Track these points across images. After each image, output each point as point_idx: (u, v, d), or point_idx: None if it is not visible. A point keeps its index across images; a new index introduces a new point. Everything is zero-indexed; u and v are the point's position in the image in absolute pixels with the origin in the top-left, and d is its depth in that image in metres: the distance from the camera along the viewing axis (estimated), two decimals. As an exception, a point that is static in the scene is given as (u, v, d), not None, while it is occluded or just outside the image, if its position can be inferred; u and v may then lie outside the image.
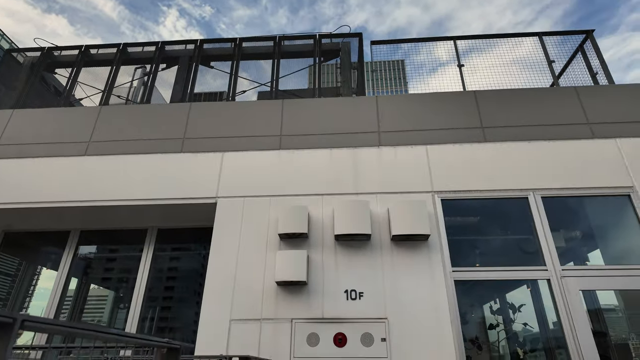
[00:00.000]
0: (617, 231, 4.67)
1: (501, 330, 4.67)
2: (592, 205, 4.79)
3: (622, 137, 4.66)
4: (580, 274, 4.09)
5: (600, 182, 4.48)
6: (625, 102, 4.98)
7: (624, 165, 4.52)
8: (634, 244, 4.33)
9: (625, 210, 4.44)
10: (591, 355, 3.70)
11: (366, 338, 3.83)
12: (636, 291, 4.21)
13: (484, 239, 5.11)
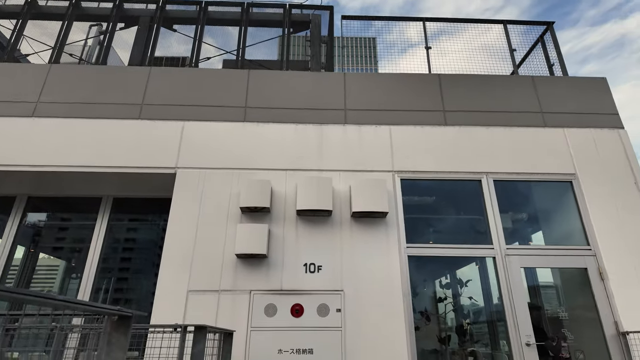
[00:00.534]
0: (558, 215, 5.05)
1: (448, 303, 4.99)
2: (538, 189, 5.13)
3: (569, 127, 4.97)
4: (523, 252, 4.42)
5: (547, 168, 4.79)
6: (575, 94, 5.29)
7: (570, 153, 4.85)
8: (572, 227, 4.72)
9: (567, 196, 4.79)
10: (526, 327, 4.06)
11: (322, 309, 3.97)
12: (570, 269, 4.61)
13: (438, 218, 5.36)
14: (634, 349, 3.93)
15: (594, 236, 4.44)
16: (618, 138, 4.94)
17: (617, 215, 4.52)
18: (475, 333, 5.38)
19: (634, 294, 4.17)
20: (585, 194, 4.62)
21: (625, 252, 4.35)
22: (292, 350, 3.78)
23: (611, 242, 4.39)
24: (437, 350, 4.85)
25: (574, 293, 4.71)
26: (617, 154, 4.85)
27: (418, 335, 4.83)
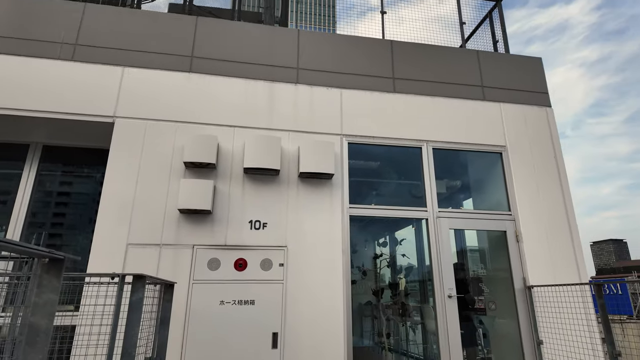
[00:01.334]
0: (487, 183, 5.52)
1: (384, 259, 5.38)
2: (471, 159, 5.53)
3: (505, 103, 5.34)
4: (452, 216, 4.83)
5: (482, 139, 5.16)
6: (513, 71, 5.64)
7: (502, 127, 5.24)
8: (498, 194, 5.20)
9: (496, 166, 5.23)
10: (449, 282, 4.52)
11: (266, 263, 4.11)
12: (492, 232, 5.12)
13: (380, 181, 5.62)
14: (536, 299, 4.55)
15: (515, 203, 4.94)
16: (545, 116, 5.41)
17: (536, 185, 5.05)
18: (407, 287, 5.89)
19: (541, 253, 4.77)
20: (512, 165, 5.08)
21: (538, 218, 4.92)
22: (234, 302, 3.91)
23: (528, 208, 4.93)
24: (371, 302, 5.27)
25: (494, 253, 5.27)
26: (543, 130, 5.33)
27: (355, 288, 5.19)
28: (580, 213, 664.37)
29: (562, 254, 4.81)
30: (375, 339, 5.19)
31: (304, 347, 3.93)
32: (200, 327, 3.79)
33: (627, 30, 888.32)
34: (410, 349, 5.64)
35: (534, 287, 4.59)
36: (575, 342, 3.97)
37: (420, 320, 5.25)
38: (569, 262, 4.79)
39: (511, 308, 4.69)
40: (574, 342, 3.98)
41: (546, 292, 4.46)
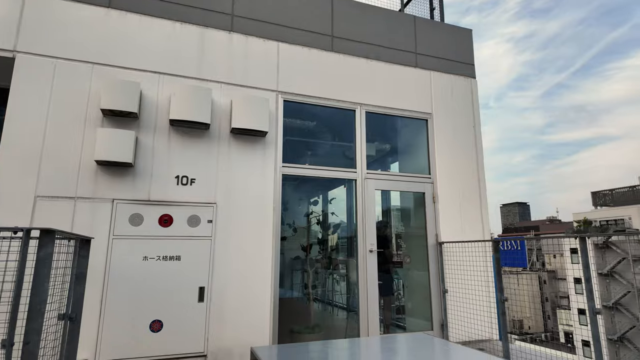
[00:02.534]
0: (412, 148, 5.86)
1: (314, 217, 5.58)
2: (400, 124, 5.79)
3: (435, 71, 5.59)
4: (378, 177, 5.09)
5: (411, 106, 5.40)
6: (445, 40, 5.86)
7: (430, 95, 5.51)
8: (420, 159, 5.55)
9: (422, 132, 5.54)
10: (371, 238, 4.84)
11: (193, 219, 4.04)
12: (413, 193, 5.50)
13: (315, 142, 5.69)
14: (445, 254, 5.09)
15: (434, 167, 5.34)
16: (469, 86, 5.78)
17: (455, 151, 5.48)
18: (335, 243, 6.21)
19: (453, 213, 5.29)
20: (435, 132, 5.42)
21: (453, 181, 5.38)
22: (158, 257, 3.83)
23: (445, 172, 5.36)
24: (299, 257, 5.49)
25: (413, 212, 5.71)
26: (466, 100, 5.71)
27: (285, 244, 5.36)
28: (494, 178, 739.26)
29: (471, 214, 5.38)
30: (303, 291, 5.48)
31: (231, 300, 4.03)
32: (121, 283, 3.69)
33: (552, 9, 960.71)
34: (335, 299, 6.07)
35: (445, 243, 5.12)
36: (474, 290, 4.56)
37: (346, 273, 5.62)
38: (476, 221, 5.38)
39: (424, 261, 5.21)
40: (473, 290, 4.58)
41: (454, 247, 5.00)
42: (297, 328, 4.79)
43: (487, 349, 4.59)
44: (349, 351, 2.91)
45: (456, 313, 4.80)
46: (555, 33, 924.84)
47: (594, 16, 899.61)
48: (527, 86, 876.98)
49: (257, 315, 4.12)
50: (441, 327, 4.92)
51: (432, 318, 4.98)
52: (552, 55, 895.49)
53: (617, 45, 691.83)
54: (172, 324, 3.77)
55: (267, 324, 4.13)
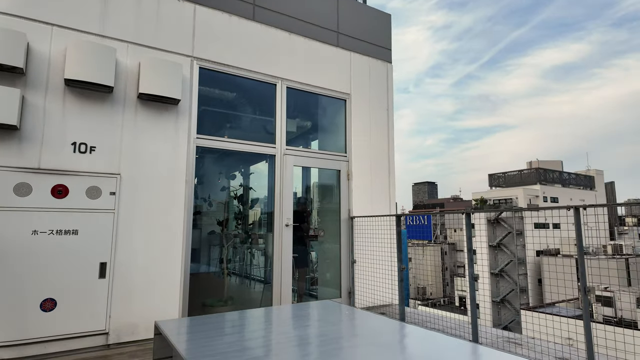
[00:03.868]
0: (331, 126, 6.03)
1: (232, 192, 5.50)
2: (321, 102, 5.90)
3: (355, 52, 5.75)
4: (296, 154, 5.17)
5: (332, 85, 5.51)
6: (366, 23, 6.03)
7: (350, 76, 5.68)
8: (338, 138, 5.75)
9: (340, 111, 5.72)
10: (288, 212, 4.94)
11: (93, 191, 3.72)
12: (330, 170, 5.70)
13: (234, 114, 5.54)
14: (356, 227, 5.42)
15: (350, 146, 5.58)
16: (385, 70, 6.07)
17: (369, 131, 5.77)
18: (256, 218, 6.22)
19: (364, 190, 5.61)
20: (352, 112, 5.63)
21: (366, 160, 5.69)
22: (51, 232, 3.48)
23: (359, 151, 5.64)
24: (214, 232, 5.41)
25: (329, 189, 5.94)
26: (382, 84, 6.00)
27: (201, 219, 5.23)
28: (409, 159, 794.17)
29: (381, 191, 5.77)
30: (219, 266, 5.43)
31: (138, 276, 3.85)
32: (5, 260, 3.30)
33: (467, 3, 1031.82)
34: (253, 272, 6.13)
35: (356, 217, 5.44)
36: (380, 260, 4.96)
37: (264, 247, 5.69)
38: (384, 197, 5.79)
39: (336, 235, 5.49)
40: (379, 260, 4.97)
41: (364, 222, 5.35)
42: (210, 301, 4.77)
43: (387, 312, 5.07)
44: (253, 319, 3.01)
45: (363, 281, 5.19)
46: (469, 27, 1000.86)
47: (501, 14, 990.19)
48: (442, 74, 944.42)
49: (167, 290, 4.01)
50: (349, 295, 5.30)
51: (341, 287, 5.33)
52: (465, 47, 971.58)
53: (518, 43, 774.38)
54: (67, 302, 3.50)
55: (176, 298, 4.05)
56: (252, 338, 2.55)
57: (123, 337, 3.71)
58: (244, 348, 2.26)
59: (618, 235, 32.76)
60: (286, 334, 2.63)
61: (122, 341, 3.70)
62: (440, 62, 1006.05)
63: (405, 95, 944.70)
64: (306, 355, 2.17)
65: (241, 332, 2.73)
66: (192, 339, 2.43)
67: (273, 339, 2.51)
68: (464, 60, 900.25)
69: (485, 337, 3.87)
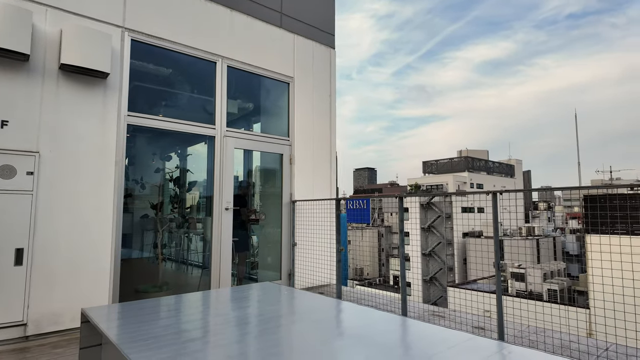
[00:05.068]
0: (274, 109, 5.98)
1: (167, 173, 5.26)
2: (264, 84, 5.81)
3: (298, 35, 5.71)
4: (237, 136, 5.07)
5: (275, 67, 5.44)
6: (310, 6, 5.99)
7: (293, 58, 5.64)
8: (280, 121, 5.73)
9: (284, 95, 5.68)
10: (227, 196, 4.86)
11: (6, 170, 3.35)
12: (272, 154, 5.68)
13: (170, 92, 5.26)
14: (297, 211, 5.49)
15: (293, 130, 5.59)
16: (329, 56, 6.11)
17: (312, 116, 5.82)
18: (192, 201, 6.02)
19: (306, 174, 5.69)
20: (296, 96, 5.63)
21: (309, 144, 5.75)
22: (-47, 215, 3.09)
23: (302, 136, 5.68)
24: (147, 216, 5.16)
25: (271, 173, 5.92)
26: (325, 69, 6.04)
27: (132, 202, 4.95)
28: (351, 145, 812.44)
29: (322, 175, 5.88)
30: (154, 251, 5.21)
31: (61, 262, 3.57)
32: None
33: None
34: (192, 257, 5.96)
35: (297, 201, 5.51)
36: (320, 243, 5.09)
37: (203, 231, 5.55)
38: (325, 182, 5.91)
39: (278, 218, 5.52)
40: (319, 243, 5.10)
41: (305, 205, 5.43)
42: (144, 287, 4.59)
43: (325, 292, 5.25)
44: (190, 303, 2.96)
45: (303, 263, 5.30)
46: (410, 18, 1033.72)
47: (439, 8, 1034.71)
48: (383, 63, 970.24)
49: (95, 276, 3.78)
50: (289, 277, 5.39)
51: (281, 269, 5.40)
52: (406, 38, 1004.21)
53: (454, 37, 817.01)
54: (-24, 294, 3.16)
55: (106, 285, 3.83)
56: (188, 321, 2.52)
57: (45, 327, 3.45)
58: (181, 331, 2.23)
59: (532, 218, 36.67)
60: (224, 316, 2.63)
61: (43, 332, 3.44)
62: (382, 51, 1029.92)
63: (348, 81, 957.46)
64: (245, 334, 2.20)
65: (177, 316, 2.69)
66: (124, 325, 2.34)
67: (211, 321, 2.51)
68: (404, 50, 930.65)
69: (413, 312, 4.18)
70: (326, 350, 2.00)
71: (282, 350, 1.96)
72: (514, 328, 3.52)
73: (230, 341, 2.09)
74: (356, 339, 2.36)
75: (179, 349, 1.88)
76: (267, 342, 2.12)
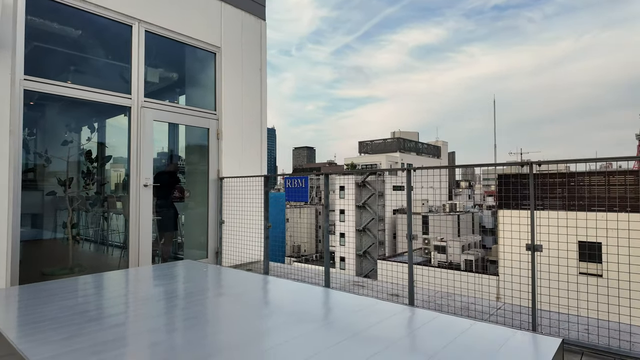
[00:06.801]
0: (199, 81, 5.68)
1: (74, 147, 4.80)
2: (188, 53, 5.47)
3: (225, 3, 5.42)
4: (158, 107, 4.75)
5: (200, 35, 5.13)
6: (239, -26, 5.70)
7: (220, 27, 5.36)
8: (207, 94, 5.47)
9: (209, 66, 5.41)
10: (146, 172, 4.57)
11: None
12: (197, 128, 5.42)
13: (78, 55, 4.74)
14: (225, 188, 5.36)
15: (221, 104, 5.38)
16: (259, 28, 5.91)
17: (242, 90, 5.63)
18: (115, 178, 5.59)
19: (235, 150, 5.54)
20: (223, 67, 5.39)
21: (238, 119, 5.59)
22: None
23: (231, 110, 5.49)
24: (55, 193, 4.70)
25: (197, 148, 5.68)
26: (255, 41, 5.84)
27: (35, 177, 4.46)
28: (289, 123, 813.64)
29: (252, 152, 5.78)
30: (63, 232, 4.78)
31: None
32: None
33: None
34: (114, 238, 5.58)
35: (225, 178, 5.37)
36: (250, 220, 5.03)
37: (122, 209, 5.19)
38: (255, 158, 5.82)
39: (204, 195, 5.35)
40: (249, 220, 5.04)
41: (234, 182, 5.32)
42: (51, 270, 4.22)
43: (254, 269, 5.26)
44: (99, 283, 2.80)
45: (231, 241, 5.23)
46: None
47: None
48: (323, 41, 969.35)
49: (-13, 260, 3.38)
50: (216, 255, 5.30)
51: (208, 247, 5.28)
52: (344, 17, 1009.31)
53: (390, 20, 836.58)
54: None
55: (2, 268, 3.45)
56: (91, 302, 2.38)
57: None
58: (82, 312, 2.10)
59: (454, 195, 39.76)
60: (133, 294, 2.53)
61: None
62: (321, 29, 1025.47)
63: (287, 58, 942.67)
64: (153, 312, 2.13)
65: (84, 297, 2.52)
66: (17, 308, 2.15)
67: (118, 301, 2.39)
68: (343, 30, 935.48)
69: (336, 283, 4.37)
70: (243, 321, 2.02)
71: (193, 324, 1.94)
72: (422, 294, 3.84)
73: (136, 319, 2.02)
74: (273, 308, 2.41)
75: (76, 330, 1.77)
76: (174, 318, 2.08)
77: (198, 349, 1.54)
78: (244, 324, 1.95)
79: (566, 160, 2.92)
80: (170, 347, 1.62)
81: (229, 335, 1.80)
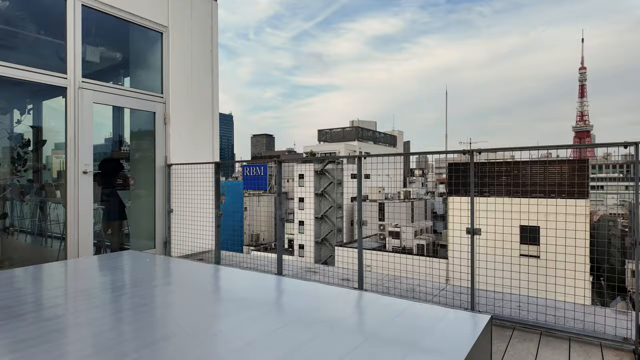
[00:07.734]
0: (145, 62, 5.36)
1: (1, 129, 4.39)
2: (132, 32, 5.14)
3: (173, -20, 5.13)
4: (97, 89, 4.43)
5: (145, 13, 4.82)
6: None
7: (167, 6, 5.07)
8: (153, 76, 5.18)
9: (156, 47, 5.12)
10: (86, 157, 4.28)
11: None
12: (142, 112, 5.14)
13: (8, 30, 4.29)
14: (174, 175, 5.15)
15: (168, 87, 5.12)
16: (210, 8, 5.66)
17: (191, 73, 5.39)
18: (45, 163, 5.18)
19: (185, 136, 5.33)
20: (171, 49, 5.12)
21: (187, 103, 5.36)
22: None
23: (180, 94, 5.25)
24: (-21, 180, 4.29)
25: (145, 135, 5.38)
26: (205, 22, 5.60)
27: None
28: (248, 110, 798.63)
29: (202, 138, 5.58)
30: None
31: None
32: None
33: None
34: (53, 229, 5.19)
35: (173, 165, 5.15)
36: (201, 208, 4.86)
37: (61, 198, 4.84)
38: (206, 145, 5.64)
39: (151, 183, 5.11)
40: (200, 208, 4.87)
41: (184, 169, 5.12)
42: (-25, 265, 3.86)
43: (205, 258, 5.14)
44: (26, 277, 2.60)
45: (181, 230, 5.06)
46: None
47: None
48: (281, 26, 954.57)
49: None
50: (164, 245, 5.11)
51: (155, 237, 5.08)
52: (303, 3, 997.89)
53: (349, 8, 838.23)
54: None
55: None
56: (15, 296, 2.20)
57: None
58: (2, 307, 1.93)
59: (409, 183, 41.11)
60: (61, 288, 2.37)
61: None
62: (280, 13, 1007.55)
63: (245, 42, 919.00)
64: (107, 303, 2.01)
65: (9, 291, 2.33)
66: None
67: (51, 294, 2.23)
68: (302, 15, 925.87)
69: (289, 270, 4.37)
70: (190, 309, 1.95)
71: (136, 313, 1.85)
72: (371, 278, 3.95)
73: (73, 311, 1.90)
74: (221, 295, 2.36)
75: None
76: (119, 308, 1.98)
77: (145, 337, 1.48)
78: (191, 311, 1.90)
79: (503, 149, 3.09)
80: (117, 335, 1.55)
81: (174, 323, 1.74)
